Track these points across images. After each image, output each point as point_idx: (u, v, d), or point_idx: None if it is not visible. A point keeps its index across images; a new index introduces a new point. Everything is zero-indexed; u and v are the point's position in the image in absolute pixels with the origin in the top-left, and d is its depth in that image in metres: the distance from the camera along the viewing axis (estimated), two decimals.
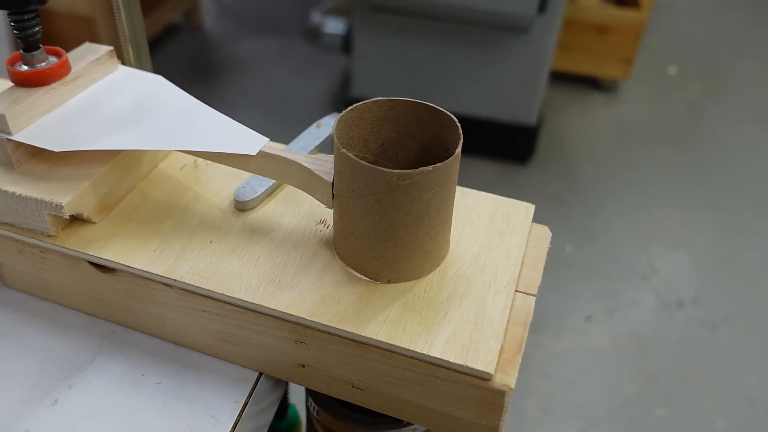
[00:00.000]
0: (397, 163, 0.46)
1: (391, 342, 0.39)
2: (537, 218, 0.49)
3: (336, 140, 0.40)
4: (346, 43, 1.94)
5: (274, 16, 2.61)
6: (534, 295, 0.44)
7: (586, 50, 2.15)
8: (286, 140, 0.56)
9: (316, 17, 2.00)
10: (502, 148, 1.90)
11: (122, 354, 0.48)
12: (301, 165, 0.44)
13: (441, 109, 0.42)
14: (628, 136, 2.07)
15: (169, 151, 0.53)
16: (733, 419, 1.30)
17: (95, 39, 1.92)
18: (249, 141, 0.45)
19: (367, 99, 0.42)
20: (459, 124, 0.41)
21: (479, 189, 0.51)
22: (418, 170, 0.38)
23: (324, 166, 0.44)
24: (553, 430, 1.29)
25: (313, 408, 0.53)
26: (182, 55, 2.28)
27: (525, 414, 1.30)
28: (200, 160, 0.53)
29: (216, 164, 0.53)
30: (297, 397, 0.71)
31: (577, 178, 1.89)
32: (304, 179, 0.45)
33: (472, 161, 1.87)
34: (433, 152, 0.44)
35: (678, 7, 2.74)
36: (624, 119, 2.15)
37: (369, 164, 0.38)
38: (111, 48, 0.51)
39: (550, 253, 0.48)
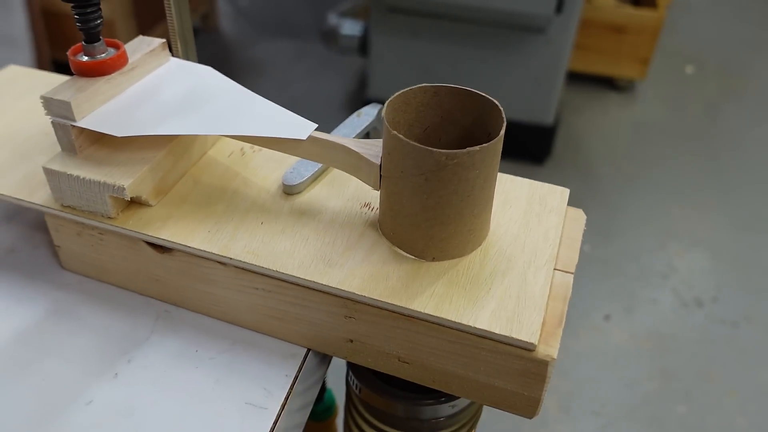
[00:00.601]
0: (439, 147, 0.48)
1: (439, 315, 0.41)
2: None
3: (386, 123, 0.42)
4: (362, 45, 1.95)
5: (291, 19, 2.64)
6: (572, 273, 0.46)
7: (603, 50, 2.16)
8: None
9: (332, 19, 2.02)
10: (519, 148, 1.90)
11: (176, 331, 0.50)
12: (350, 149, 0.46)
13: (483, 94, 0.44)
14: (645, 135, 2.07)
15: (217, 139, 0.56)
16: (753, 417, 1.30)
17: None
18: (299, 126, 0.47)
19: (385, 100, 0.44)
20: (502, 108, 0.43)
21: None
22: (465, 150, 0.40)
23: (371, 149, 0.46)
24: (573, 429, 1.29)
25: (355, 385, 0.55)
26: (199, 58, 2.30)
27: (545, 412, 1.31)
28: (247, 148, 0.56)
29: (262, 151, 0.55)
30: (333, 382, 0.73)
31: (595, 177, 1.90)
32: (352, 162, 0.47)
33: None
34: (474, 136, 0.46)
35: (694, 6, 2.74)
36: (641, 119, 2.15)
37: (418, 144, 0.40)
38: (163, 41, 0.53)
39: None
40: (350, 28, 1.99)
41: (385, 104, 0.43)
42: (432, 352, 0.44)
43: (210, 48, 2.41)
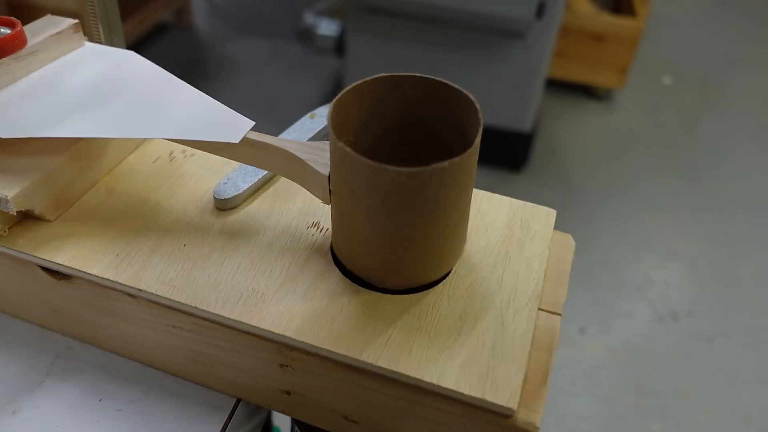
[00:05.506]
0: (402, 146, 0.39)
1: (395, 369, 0.33)
2: None
3: (331, 130, 0.33)
4: (339, 45, 1.89)
5: (267, 17, 2.56)
6: (559, 315, 0.38)
7: (582, 58, 2.12)
8: None
9: (309, 18, 1.94)
10: (496, 154, 1.85)
11: (78, 374, 0.41)
12: (293, 155, 0.37)
13: (455, 86, 0.36)
14: (623, 145, 2.05)
15: (141, 141, 0.47)
16: None
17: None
18: (231, 126, 0.38)
19: None
20: (478, 105, 0.34)
21: None
22: (430, 167, 0.31)
23: (320, 156, 0.37)
24: None
25: None
26: (171, 55, 2.21)
27: None
28: (177, 152, 0.47)
29: (195, 156, 0.46)
30: (281, 419, 0.65)
31: (572, 186, 1.86)
32: (296, 170, 0.38)
33: None
34: (443, 135, 0.38)
35: (674, 17, 2.73)
36: (619, 128, 2.12)
37: (371, 162, 0.31)
38: (76, 21, 0.44)
39: None
40: (326, 28, 1.93)
41: (332, 103, 0.34)
42: (386, 412, 0.35)
43: (182, 45, 2.31)
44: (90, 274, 0.37)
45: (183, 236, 0.40)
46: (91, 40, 0.47)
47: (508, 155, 1.85)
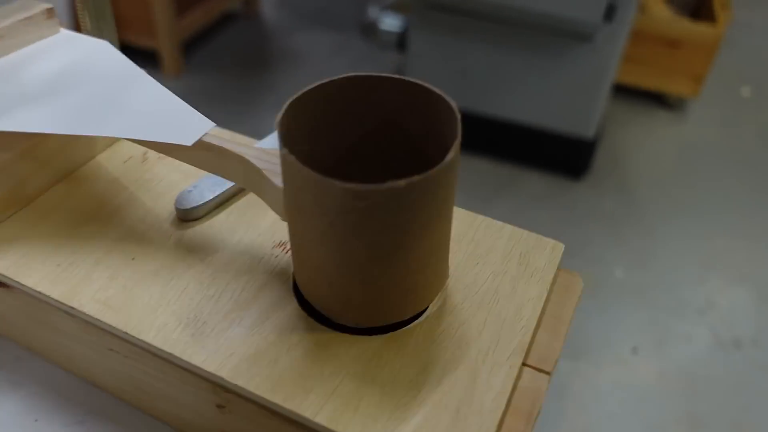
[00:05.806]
0: (378, 158, 0.34)
1: (334, 428, 0.28)
2: (587, 238, 0.37)
3: (279, 135, 0.28)
4: (401, 41, 1.87)
5: (333, 10, 2.56)
6: (548, 374, 0.31)
7: (654, 64, 2.01)
8: None
9: (373, 13, 1.92)
10: (556, 160, 1.78)
11: (19, 389, 0.38)
12: (248, 162, 0.33)
13: (438, 92, 0.30)
14: (693, 158, 1.92)
15: (114, 139, 0.43)
16: None
17: None
18: (187, 126, 0.34)
19: None
20: (459, 115, 0.29)
21: (527, 202, 0.39)
22: (383, 186, 0.26)
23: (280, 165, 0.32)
24: None
25: None
26: (237, 45, 2.23)
27: None
28: (151, 153, 0.43)
29: (169, 159, 0.43)
30: None
31: (635, 198, 1.76)
32: (254, 180, 0.33)
33: (523, 171, 1.76)
34: (426, 147, 0.32)
35: (757, 25, 2.55)
36: (690, 140, 1.99)
37: (315, 174, 0.26)
38: (49, 6, 0.41)
39: (599, 276, 0.36)
40: (390, 23, 1.91)
41: (286, 104, 0.29)
42: None
43: (249, 35, 2.33)
44: (24, 285, 0.34)
45: (134, 248, 0.36)
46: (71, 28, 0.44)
47: (569, 161, 1.77)
